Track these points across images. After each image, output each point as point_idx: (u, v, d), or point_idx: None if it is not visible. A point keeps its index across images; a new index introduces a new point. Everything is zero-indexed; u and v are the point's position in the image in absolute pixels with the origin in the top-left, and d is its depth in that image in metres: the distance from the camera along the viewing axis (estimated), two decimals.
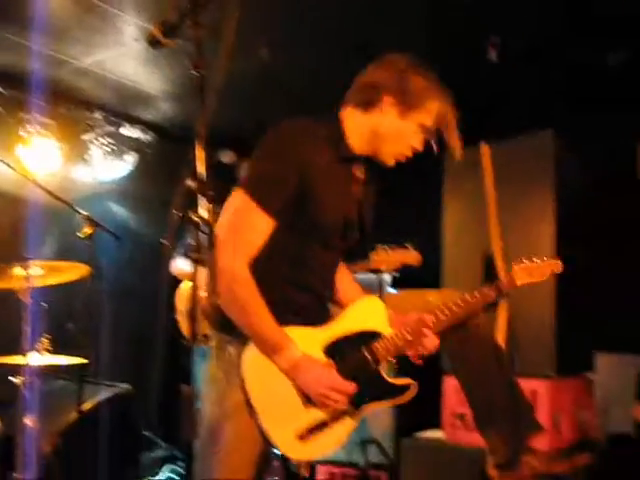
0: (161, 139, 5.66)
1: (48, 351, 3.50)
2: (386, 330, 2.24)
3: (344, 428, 2.17)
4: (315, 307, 2.24)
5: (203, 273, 1.66)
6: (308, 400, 2.12)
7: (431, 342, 2.23)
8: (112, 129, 5.28)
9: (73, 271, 3.42)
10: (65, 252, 4.15)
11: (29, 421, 3.31)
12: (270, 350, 2.08)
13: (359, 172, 2.34)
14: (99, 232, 3.81)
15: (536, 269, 2.36)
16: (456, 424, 3.71)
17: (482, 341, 2.45)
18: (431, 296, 2.51)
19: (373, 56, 2.30)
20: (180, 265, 4.27)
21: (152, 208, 5.22)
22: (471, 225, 3.88)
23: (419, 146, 2.29)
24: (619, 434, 3.79)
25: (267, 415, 2.08)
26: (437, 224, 4.10)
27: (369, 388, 2.17)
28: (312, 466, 5.21)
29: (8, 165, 3.74)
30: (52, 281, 3.43)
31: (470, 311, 2.27)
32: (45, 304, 3.43)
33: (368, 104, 2.25)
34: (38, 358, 3.40)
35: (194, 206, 1.66)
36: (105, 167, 5.28)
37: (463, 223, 3.95)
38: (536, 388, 3.40)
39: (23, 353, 3.26)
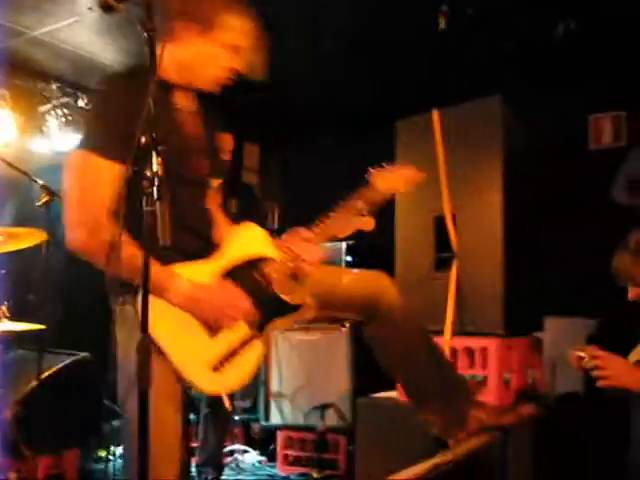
0: None
1: (7, 318, 3.55)
2: (272, 253, 2.29)
3: (254, 352, 2.20)
4: (194, 243, 2.21)
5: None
6: (212, 330, 2.13)
7: (315, 253, 2.31)
8: (68, 100, 5.26)
9: (30, 237, 3.45)
10: (23, 221, 4.16)
11: None
12: (159, 290, 2.03)
13: (182, 101, 2.28)
14: (57, 201, 3.83)
15: (393, 174, 2.57)
16: None
17: (400, 326, 2.52)
18: (346, 277, 2.60)
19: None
20: None
21: None
22: (423, 190, 3.94)
23: (236, 65, 2.24)
24: (567, 392, 3.93)
25: (177, 356, 2.06)
26: None
27: (267, 308, 2.21)
28: (272, 430, 5.32)
29: None
30: (10, 248, 3.46)
31: (345, 220, 2.39)
32: (3, 271, 3.47)
33: (164, 35, 2.15)
34: None
35: (148, 161, 1.72)
36: (62, 138, 5.26)
37: (415, 188, 4.03)
38: (486, 345, 3.53)
39: None
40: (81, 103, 5.37)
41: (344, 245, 5.50)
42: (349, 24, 4.19)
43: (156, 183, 1.69)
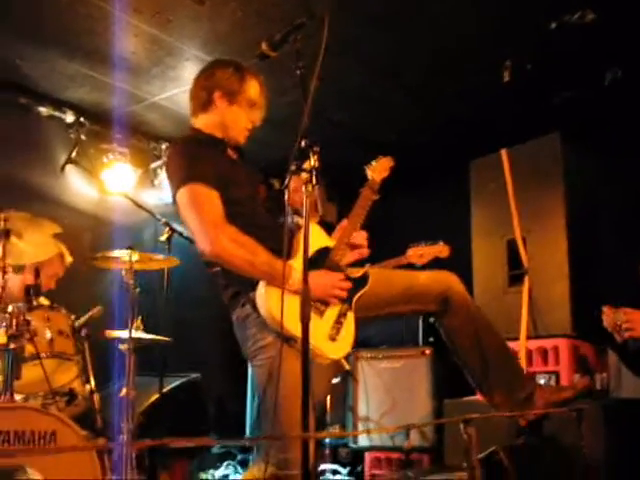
0: None
1: (142, 330, 4.15)
2: (330, 243, 2.87)
3: (351, 321, 2.77)
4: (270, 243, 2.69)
5: None
6: (318, 310, 2.68)
7: (359, 237, 2.92)
8: None
9: (165, 262, 4.08)
10: None
11: (127, 391, 3.92)
12: (281, 280, 2.48)
13: (231, 154, 2.97)
14: (176, 236, 4.49)
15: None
16: None
17: (469, 313, 3.00)
18: (423, 275, 3.14)
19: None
20: None
21: None
22: (496, 218, 4.55)
23: (257, 119, 2.96)
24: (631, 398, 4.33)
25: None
26: (465, 222, 4.77)
27: None
28: (359, 453, 5.76)
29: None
30: (147, 267, 4.08)
31: (367, 206, 2.98)
32: (138, 289, 4.06)
33: (205, 105, 2.92)
34: (135, 333, 4.03)
35: (306, 159, 2.37)
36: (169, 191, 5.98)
37: (488, 216, 4.63)
38: (558, 344, 4.03)
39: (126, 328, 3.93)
40: None
41: None
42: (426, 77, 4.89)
43: (314, 173, 2.33)
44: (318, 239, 2.86)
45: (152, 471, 2.84)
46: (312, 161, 2.36)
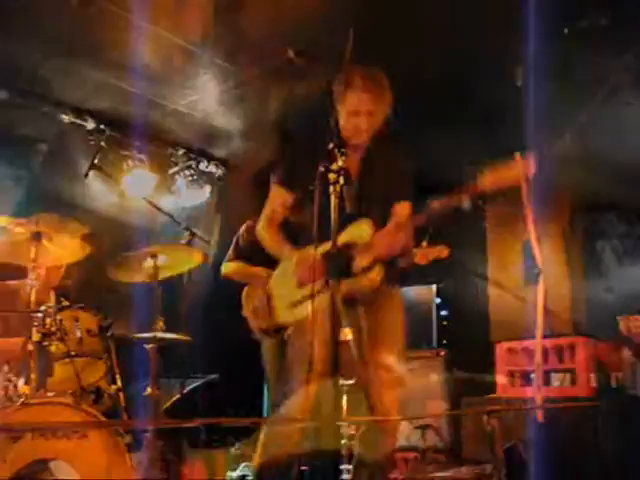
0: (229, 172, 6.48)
1: (162, 330, 4.22)
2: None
3: (321, 300, 2.82)
4: None
5: None
6: (299, 283, 3.13)
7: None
8: (192, 164, 6.13)
9: (191, 260, 4.16)
10: None
11: (152, 389, 4.01)
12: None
13: None
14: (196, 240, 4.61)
15: (505, 171, 2.77)
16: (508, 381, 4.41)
17: None
18: None
19: None
20: None
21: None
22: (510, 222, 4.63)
23: (359, 125, 3.04)
24: None
25: (276, 292, 3.30)
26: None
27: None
28: None
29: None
30: (174, 271, 4.17)
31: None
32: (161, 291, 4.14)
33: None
34: (158, 334, 4.11)
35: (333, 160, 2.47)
36: (187, 196, 6.14)
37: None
38: (574, 342, 4.12)
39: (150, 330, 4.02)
40: (202, 166, 6.24)
41: (434, 287, 6.08)
42: None
43: (342, 174, 2.44)
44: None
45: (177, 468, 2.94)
46: (340, 162, 2.48)
